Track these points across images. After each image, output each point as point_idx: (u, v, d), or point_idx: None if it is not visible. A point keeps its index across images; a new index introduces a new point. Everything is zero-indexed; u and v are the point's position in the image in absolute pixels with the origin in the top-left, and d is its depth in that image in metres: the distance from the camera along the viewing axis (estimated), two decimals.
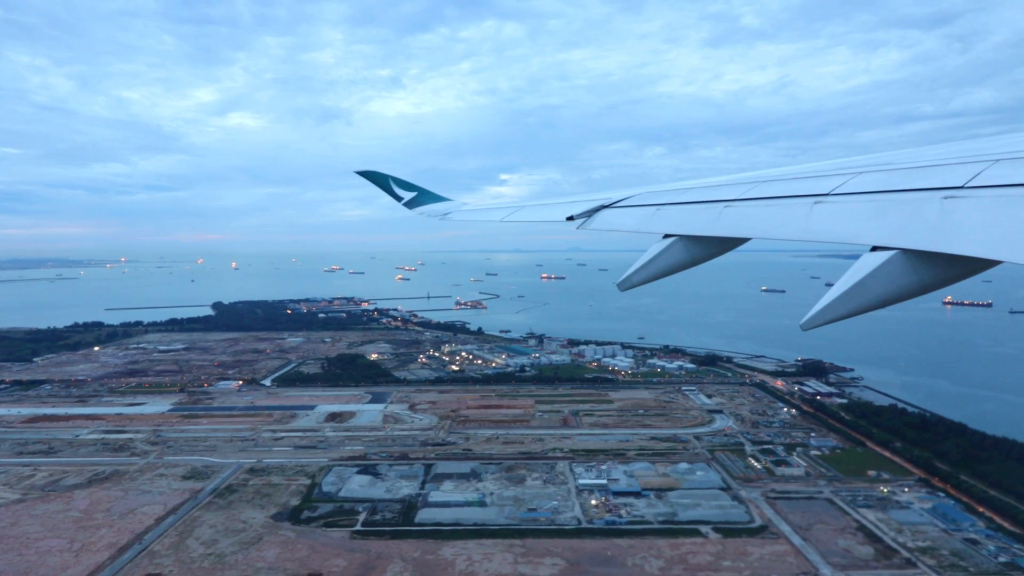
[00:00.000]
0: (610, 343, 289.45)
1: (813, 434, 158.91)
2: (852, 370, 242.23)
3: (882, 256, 8.27)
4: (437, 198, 36.21)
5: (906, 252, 8.12)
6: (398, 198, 36.36)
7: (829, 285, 9.27)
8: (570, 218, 18.33)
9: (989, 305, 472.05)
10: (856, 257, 8.71)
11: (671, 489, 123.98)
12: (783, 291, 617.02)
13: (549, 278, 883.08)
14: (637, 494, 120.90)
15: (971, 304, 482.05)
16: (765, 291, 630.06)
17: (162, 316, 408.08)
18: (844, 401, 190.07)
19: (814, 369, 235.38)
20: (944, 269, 8.12)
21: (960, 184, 8.50)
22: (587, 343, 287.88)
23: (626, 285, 13.59)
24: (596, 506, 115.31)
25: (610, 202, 18.04)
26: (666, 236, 13.66)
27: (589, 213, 18.09)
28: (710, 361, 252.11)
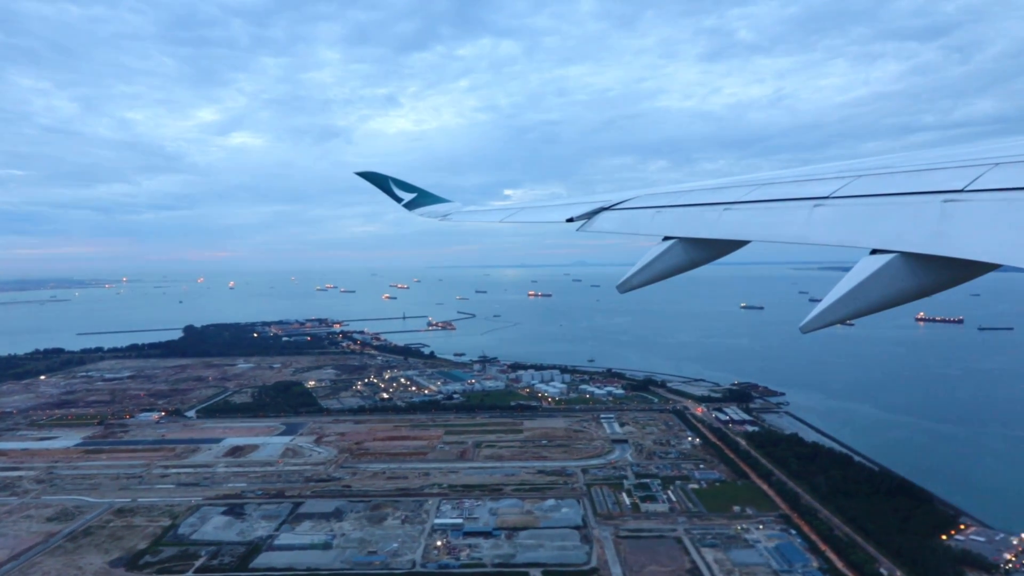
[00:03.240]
0: (552, 367, 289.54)
1: (702, 465, 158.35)
2: (783, 394, 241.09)
3: (882, 259, 8.28)
4: (437, 199, 36.18)
5: (906, 255, 8.14)
6: (398, 199, 36.24)
7: (814, 301, 9.44)
8: (570, 220, 18.48)
9: (960, 322, 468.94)
10: None
11: (526, 528, 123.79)
12: (762, 308, 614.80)
13: (536, 296, 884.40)
14: (487, 534, 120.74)
15: (943, 320, 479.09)
16: (744, 308, 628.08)
17: (131, 341, 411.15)
18: (755, 429, 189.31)
19: (741, 394, 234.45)
20: (943, 272, 8.15)
21: (960, 188, 8.50)
22: (529, 367, 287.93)
23: (625, 287, 13.59)
24: (438, 548, 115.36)
25: (610, 204, 18.12)
26: (666, 238, 13.66)
27: (589, 215, 18.15)
28: (643, 386, 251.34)
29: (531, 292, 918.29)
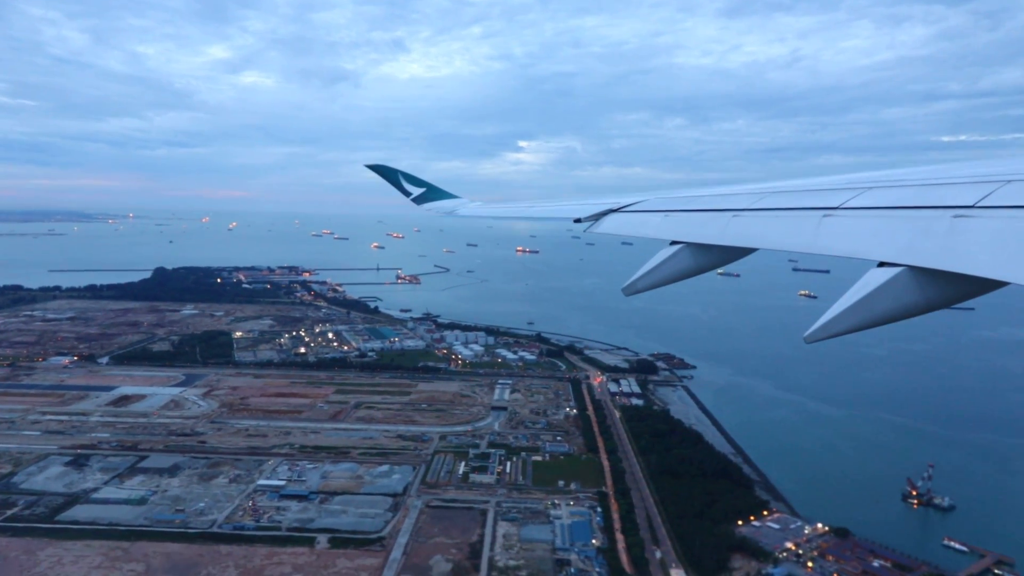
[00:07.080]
0: (486, 328, 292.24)
1: (559, 438, 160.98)
2: (694, 368, 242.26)
3: (889, 272, 8.29)
4: (446, 195, 36.75)
5: (913, 269, 8.16)
6: (407, 193, 36.76)
7: (798, 271, 10.11)
8: (578, 220, 18.85)
9: None
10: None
11: (345, 493, 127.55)
12: (738, 275, 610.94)
13: (524, 252, 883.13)
14: (303, 497, 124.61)
15: None
16: (720, 274, 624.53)
17: (101, 280, 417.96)
18: (639, 403, 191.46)
19: (648, 366, 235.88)
20: (951, 288, 8.16)
21: (970, 203, 8.51)
22: (460, 328, 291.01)
23: (631, 290, 13.67)
24: (244, 509, 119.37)
25: (618, 206, 18.33)
26: (673, 243, 13.83)
27: (597, 216, 18.51)
28: (559, 352, 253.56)
29: (519, 248, 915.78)
